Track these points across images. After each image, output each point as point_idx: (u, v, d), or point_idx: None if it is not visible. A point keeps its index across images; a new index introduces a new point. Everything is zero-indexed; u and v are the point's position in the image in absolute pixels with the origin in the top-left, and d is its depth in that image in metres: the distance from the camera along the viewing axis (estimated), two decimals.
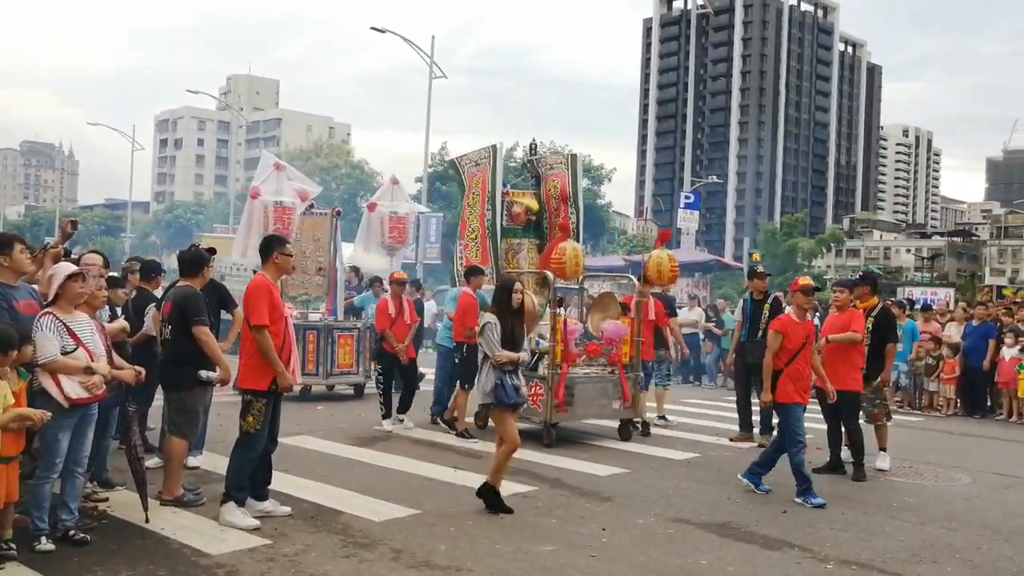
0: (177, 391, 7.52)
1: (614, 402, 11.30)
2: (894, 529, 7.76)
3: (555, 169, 12.11)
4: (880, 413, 10.43)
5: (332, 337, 14.56)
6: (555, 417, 10.80)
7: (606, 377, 11.37)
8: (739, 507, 8.26)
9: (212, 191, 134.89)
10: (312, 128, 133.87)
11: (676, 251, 48.48)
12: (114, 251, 66.47)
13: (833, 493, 9.04)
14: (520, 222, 12.33)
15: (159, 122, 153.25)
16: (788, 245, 78.40)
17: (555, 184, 11.94)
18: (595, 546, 6.83)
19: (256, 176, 14.80)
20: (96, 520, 6.81)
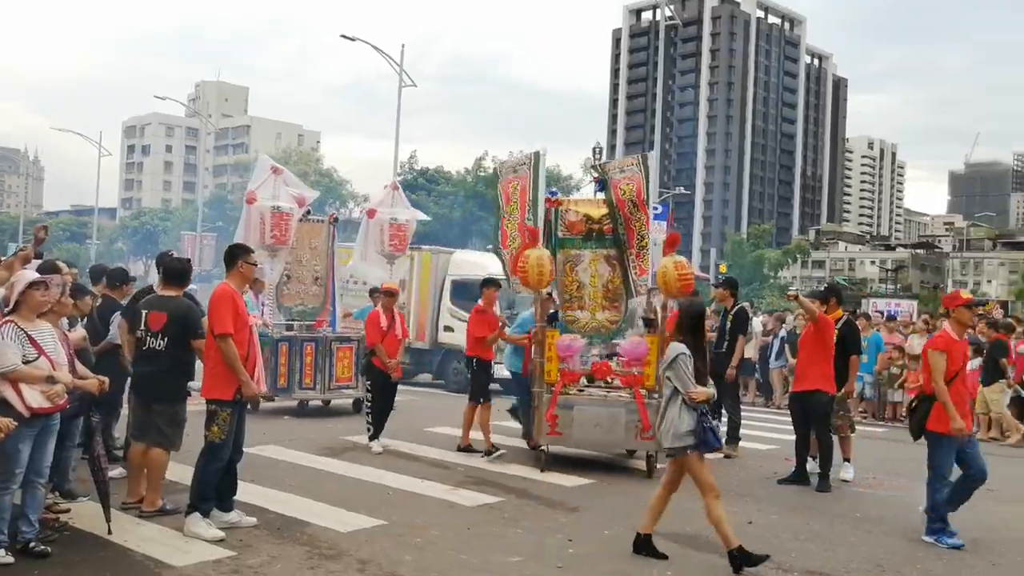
0: (172, 404, 7.46)
1: (629, 431, 9.94)
2: (857, 540, 7.83)
3: (627, 172, 10.95)
4: (844, 424, 10.53)
5: (330, 349, 14.08)
6: (546, 440, 10.11)
7: (618, 401, 10.09)
8: (701, 517, 8.26)
9: (180, 198, 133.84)
10: (281, 135, 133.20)
11: None
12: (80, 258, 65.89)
13: (797, 504, 9.12)
14: (578, 231, 11.14)
15: (127, 128, 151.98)
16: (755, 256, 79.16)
17: (629, 187, 10.68)
18: (561, 556, 6.83)
19: (252, 180, 14.30)
20: (57, 531, 6.72)
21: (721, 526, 6.69)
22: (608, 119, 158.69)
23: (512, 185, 11.26)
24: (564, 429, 9.95)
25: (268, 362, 13.32)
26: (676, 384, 6.72)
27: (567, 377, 10.16)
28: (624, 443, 10.27)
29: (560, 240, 11.13)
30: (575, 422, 9.95)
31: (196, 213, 76.04)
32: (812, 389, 9.89)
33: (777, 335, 18.76)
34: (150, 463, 7.44)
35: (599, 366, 10.44)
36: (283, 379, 13.61)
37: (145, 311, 7.50)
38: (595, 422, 9.96)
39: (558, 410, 9.96)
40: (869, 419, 16.90)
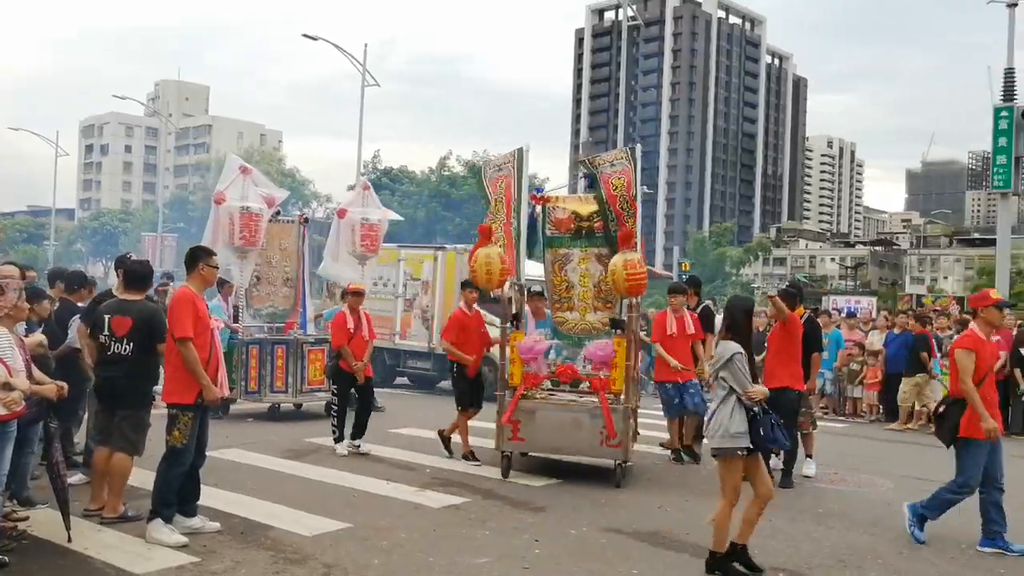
0: (137, 409, 7.38)
1: (593, 438, 9.45)
2: (820, 535, 7.89)
3: (617, 166, 10.43)
4: (806, 421, 10.61)
5: (302, 352, 13.83)
6: (506, 445, 9.75)
7: (582, 406, 9.68)
8: (670, 516, 8.33)
9: (140, 198, 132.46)
10: (243, 135, 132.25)
11: None
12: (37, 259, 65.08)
13: None
14: (566, 229, 10.74)
15: (84, 127, 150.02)
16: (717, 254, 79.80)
17: (621, 182, 10.19)
18: (528, 557, 6.83)
19: (220, 180, 13.94)
20: (16, 540, 6.61)
21: (721, 531, 6.62)
22: (572, 118, 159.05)
23: (498, 184, 10.87)
24: (526, 434, 9.62)
25: (238, 366, 13.22)
26: (732, 384, 6.51)
27: (530, 380, 9.75)
28: (588, 450, 9.67)
29: (548, 239, 10.87)
30: (537, 427, 9.59)
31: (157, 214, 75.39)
32: (781, 387, 9.90)
33: None
34: (113, 469, 7.35)
35: (563, 369, 9.98)
36: (253, 383, 13.45)
37: (107, 315, 7.39)
38: (558, 427, 9.56)
39: (520, 414, 9.62)
40: (830, 415, 17.04)
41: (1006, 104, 27.74)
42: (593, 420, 9.43)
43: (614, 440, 9.32)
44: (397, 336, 19.07)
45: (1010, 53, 27.49)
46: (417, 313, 18.92)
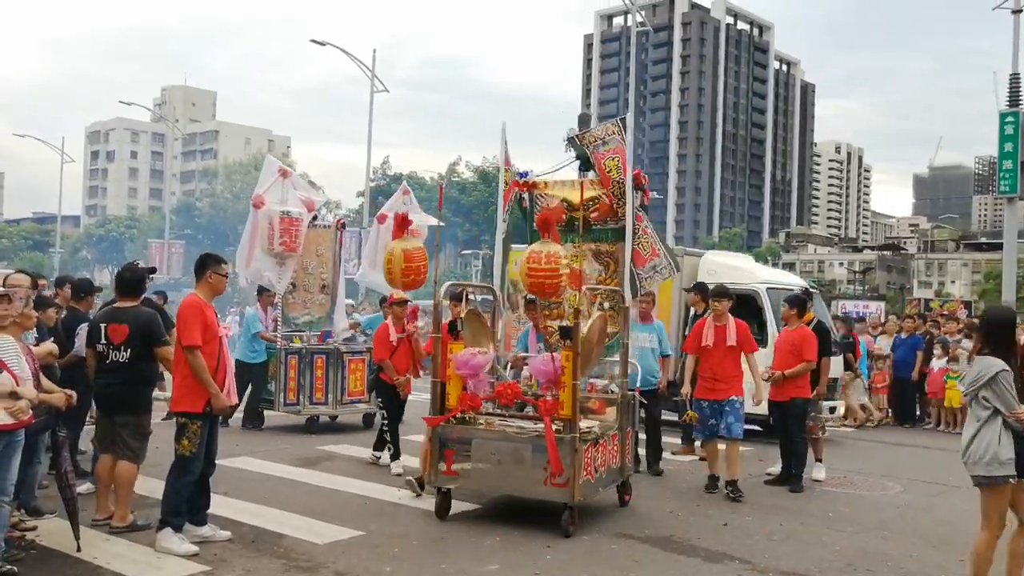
0: (136, 415, 7.37)
1: (533, 474, 7.64)
2: (830, 539, 7.87)
3: (610, 143, 9.05)
4: (816, 426, 10.57)
5: (342, 362, 13.30)
6: (440, 480, 8.06)
7: (523, 435, 7.78)
8: (681, 521, 8.29)
9: (147, 205, 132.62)
10: (251, 141, 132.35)
11: None
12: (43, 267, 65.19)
13: (771, 504, 9.16)
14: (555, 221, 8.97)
15: (90, 134, 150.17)
16: None
17: (615, 163, 8.92)
18: (539, 564, 6.80)
19: (259, 183, 13.44)
20: (24, 550, 6.60)
21: (983, 566, 5.98)
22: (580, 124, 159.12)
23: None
24: (459, 467, 7.95)
25: (276, 376, 13.02)
26: (997, 404, 5.76)
27: (467, 401, 8.06)
28: (530, 490, 7.83)
29: (535, 233, 8.95)
30: (474, 459, 7.93)
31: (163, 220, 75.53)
32: (790, 399, 10.02)
33: None
34: (118, 477, 7.33)
35: (503, 388, 8.14)
36: (292, 394, 13.05)
37: (103, 324, 7.40)
38: (497, 460, 7.84)
39: (455, 443, 8.00)
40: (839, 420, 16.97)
41: (1012, 110, 27.64)
42: (535, 453, 7.63)
43: (559, 478, 7.50)
44: None
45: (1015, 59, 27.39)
46: None
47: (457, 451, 7.98)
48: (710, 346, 9.57)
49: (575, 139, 9.95)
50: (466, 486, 8.26)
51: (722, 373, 9.51)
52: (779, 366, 10.12)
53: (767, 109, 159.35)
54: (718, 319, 9.67)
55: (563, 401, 7.59)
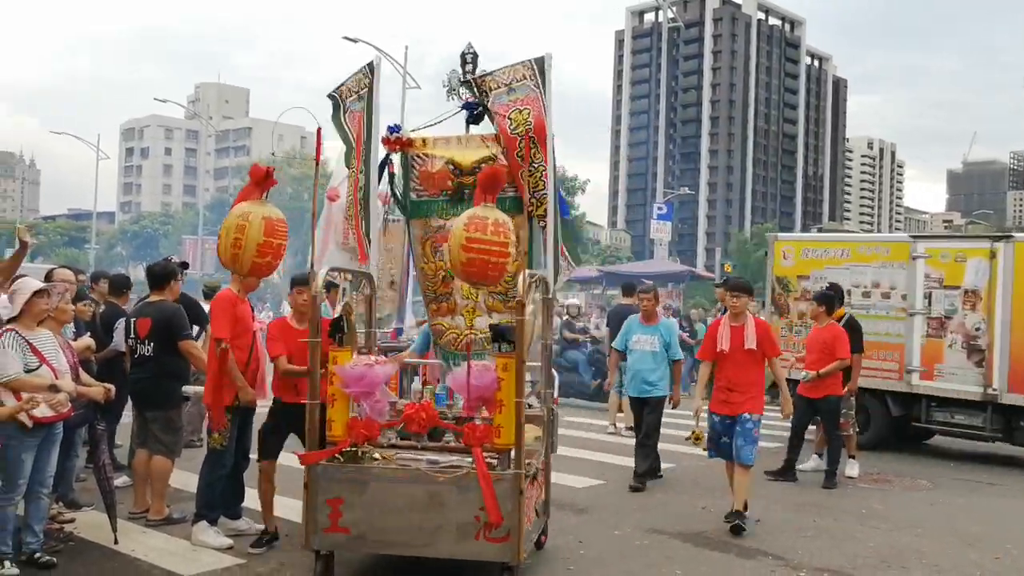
0: (164, 409, 7.44)
1: (462, 526, 5.66)
2: (864, 536, 7.84)
3: (519, 91, 6.87)
4: (847, 422, 10.51)
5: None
6: (321, 540, 5.84)
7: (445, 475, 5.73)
8: (714, 517, 8.26)
9: (180, 201, 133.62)
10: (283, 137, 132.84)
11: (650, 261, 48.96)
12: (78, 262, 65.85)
13: (804, 501, 9.13)
14: (440, 188, 7.19)
15: (125, 131, 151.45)
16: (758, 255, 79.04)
17: (523, 116, 6.80)
18: (572, 558, 6.82)
19: (334, 176, 13.01)
20: (62, 542, 6.69)
21: None
22: (612, 120, 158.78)
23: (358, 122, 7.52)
24: (354, 520, 5.77)
25: None
26: None
27: (359, 431, 5.83)
28: (456, 547, 5.75)
29: (414, 204, 7.28)
30: (372, 509, 5.77)
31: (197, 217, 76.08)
32: (823, 396, 10.00)
33: None
34: (153, 471, 7.42)
35: (414, 410, 5.95)
36: None
37: (133, 319, 7.53)
38: (406, 509, 5.72)
39: (343, 488, 5.78)
40: None
41: None
42: (462, 496, 5.64)
43: (498, 530, 5.57)
44: (915, 374, 12.24)
45: None
46: (957, 340, 12.03)
47: (347, 499, 5.75)
48: (725, 350, 8.12)
49: (472, 83, 7.36)
50: (360, 546, 6.01)
51: (737, 382, 8.06)
52: (811, 365, 10.09)
53: (799, 105, 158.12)
54: (735, 318, 8.25)
55: (500, 426, 5.62)
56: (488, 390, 5.72)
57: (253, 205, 6.02)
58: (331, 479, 5.82)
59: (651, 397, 9.79)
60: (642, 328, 9.96)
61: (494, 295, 7.02)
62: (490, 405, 5.77)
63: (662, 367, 9.80)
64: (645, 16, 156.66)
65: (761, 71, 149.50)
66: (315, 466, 5.85)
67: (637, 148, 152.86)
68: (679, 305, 27.19)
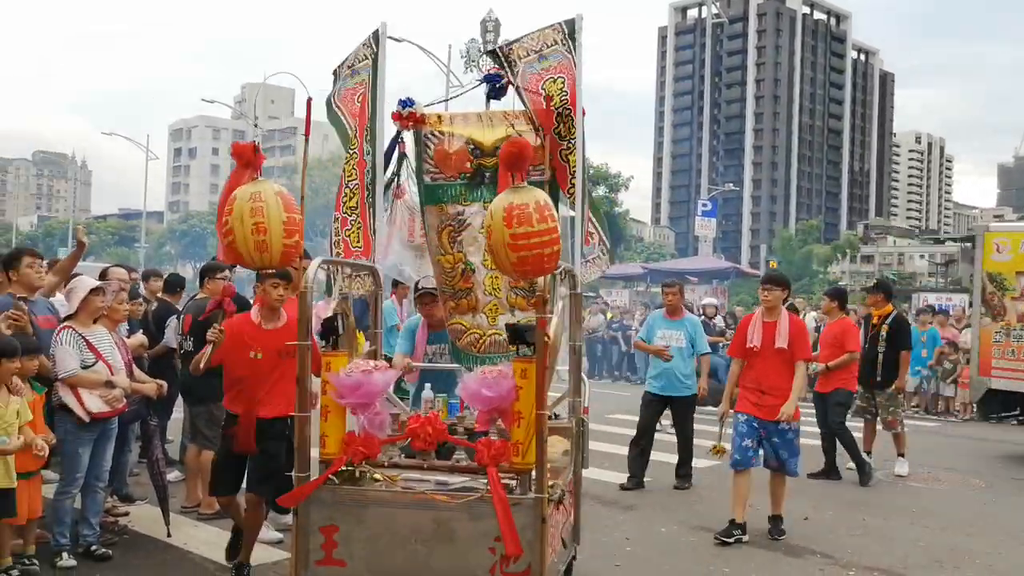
0: (205, 404, 7.54)
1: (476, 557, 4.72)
2: (915, 535, 7.76)
3: (551, 58, 6.07)
4: (895, 420, 10.42)
5: None
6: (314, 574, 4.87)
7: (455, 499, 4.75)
8: (761, 514, 8.18)
9: None
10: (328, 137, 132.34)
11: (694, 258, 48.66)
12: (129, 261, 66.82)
13: (853, 500, 9.05)
14: (458, 170, 6.21)
15: (173, 131, 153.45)
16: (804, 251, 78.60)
17: (559, 86, 5.94)
18: (619, 555, 6.83)
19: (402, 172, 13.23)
20: (117, 535, 6.83)
21: None
22: (655, 116, 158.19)
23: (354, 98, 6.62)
24: (350, 551, 4.85)
25: None
26: None
27: (356, 449, 4.85)
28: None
29: (428, 188, 6.32)
30: (370, 538, 4.85)
31: None
32: (832, 389, 10.05)
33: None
34: (203, 466, 7.51)
35: (420, 423, 4.97)
36: None
37: (180, 316, 7.69)
38: (409, 538, 4.81)
39: (337, 513, 4.84)
40: (920, 414, 16.74)
41: None
42: (475, 524, 4.72)
43: (517, 563, 4.65)
44: None
45: None
46: None
47: (342, 527, 4.87)
48: (756, 348, 7.52)
49: (498, 52, 6.24)
50: None
51: (769, 384, 7.42)
52: (824, 359, 10.08)
53: (844, 100, 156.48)
54: (768, 313, 7.62)
55: (519, 442, 4.68)
56: (504, 400, 4.75)
57: (255, 185, 5.01)
58: (325, 503, 4.88)
59: (681, 396, 9.54)
60: (667, 323, 9.69)
61: (516, 290, 6.07)
62: (506, 417, 4.82)
63: (690, 363, 9.58)
64: (688, 12, 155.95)
65: (806, 66, 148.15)
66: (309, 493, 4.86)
67: (680, 145, 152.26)
68: (724, 302, 27.02)
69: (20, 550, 5.92)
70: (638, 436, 9.62)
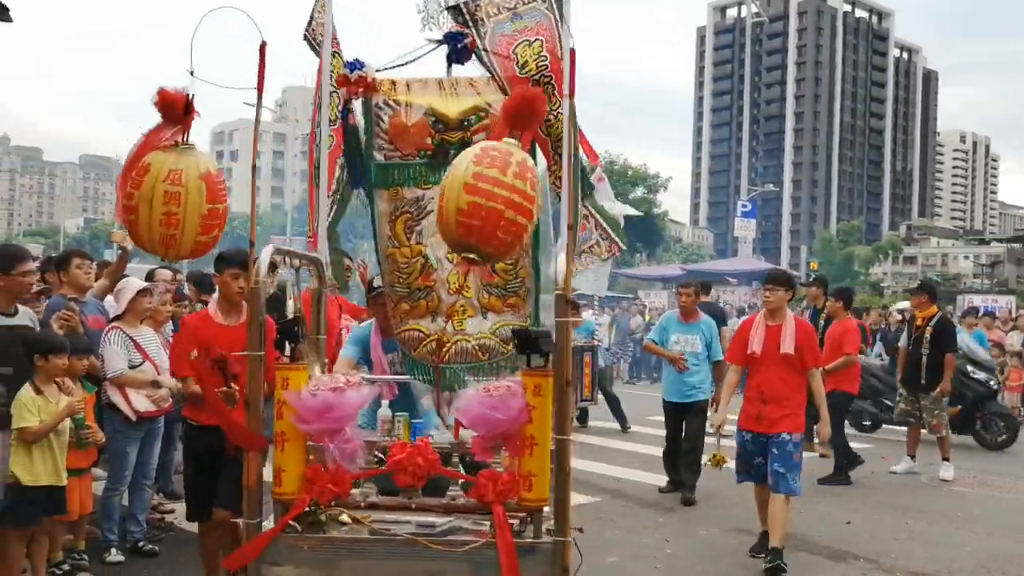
0: None
1: None
2: (960, 540, 7.67)
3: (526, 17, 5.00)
4: (940, 423, 10.30)
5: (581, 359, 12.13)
6: None
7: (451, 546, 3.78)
8: (801, 518, 8.16)
9: (269, 202, 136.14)
10: None
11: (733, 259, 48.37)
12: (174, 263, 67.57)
13: (895, 503, 8.98)
14: (416, 147, 5.02)
15: (215, 134, 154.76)
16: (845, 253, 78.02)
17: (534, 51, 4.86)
18: (659, 557, 6.83)
19: None
20: (163, 531, 6.95)
21: None
22: (694, 117, 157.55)
23: None
24: None
25: None
26: None
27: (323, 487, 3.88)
28: None
29: (381, 167, 5.05)
30: None
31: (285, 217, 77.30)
32: (830, 391, 9.45)
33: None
34: None
35: (407, 454, 3.94)
36: None
37: None
38: None
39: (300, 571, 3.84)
40: None
41: None
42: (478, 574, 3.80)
43: None
44: None
45: None
46: None
47: None
48: (757, 354, 6.82)
49: (461, 8, 5.05)
50: None
51: (771, 393, 6.73)
52: (825, 361, 9.72)
53: (887, 98, 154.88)
54: (771, 316, 6.92)
55: (530, 472, 3.77)
56: (515, 423, 3.75)
57: (178, 157, 4.07)
58: (284, 556, 3.81)
59: (694, 402, 8.93)
60: (681, 326, 9.12)
61: (489, 288, 4.86)
62: (512, 443, 3.82)
63: (704, 369, 9.01)
64: (727, 12, 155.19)
65: (847, 65, 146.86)
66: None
67: (719, 145, 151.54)
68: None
69: (71, 545, 6.04)
70: (667, 446, 9.28)
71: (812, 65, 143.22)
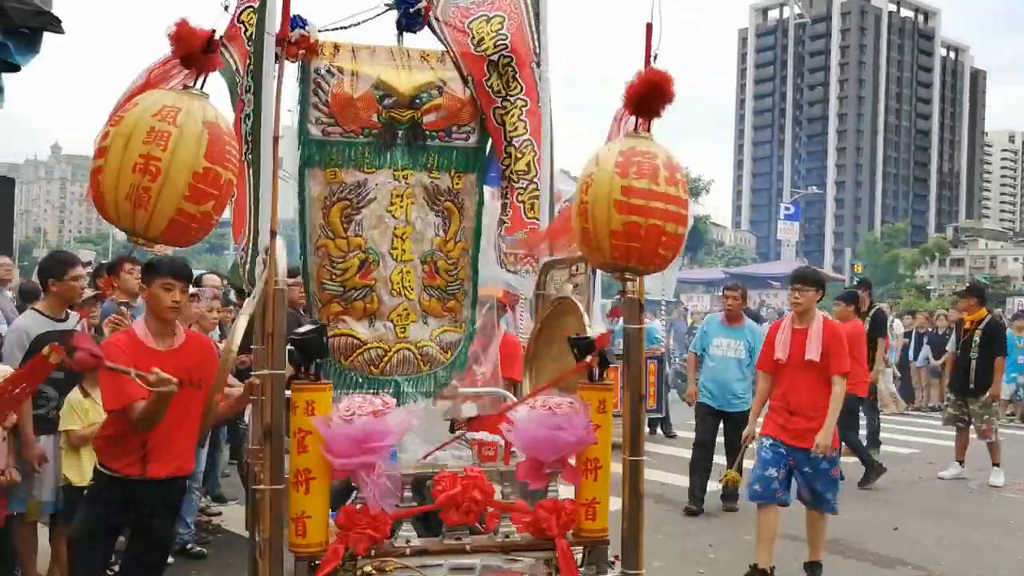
0: None
1: None
2: (1009, 547, 7.58)
3: None
4: (989, 428, 10.18)
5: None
6: None
7: None
8: (848, 523, 8.10)
9: None
10: None
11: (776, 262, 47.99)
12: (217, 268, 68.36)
13: (942, 509, 8.89)
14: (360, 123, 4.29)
15: None
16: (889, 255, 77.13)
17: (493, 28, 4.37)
18: (703, 562, 6.82)
19: None
20: (211, 534, 7.04)
21: None
22: (735, 119, 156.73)
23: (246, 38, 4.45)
24: None
25: None
26: None
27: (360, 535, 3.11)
28: None
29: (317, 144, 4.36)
30: None
31: None
32: None
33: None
34: None
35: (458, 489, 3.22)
36: None
37: None
38: None
39: None
40: (1016, 422, 16.27)
41: None
42: None
43: None
44: None
45: None
46: None
47: None
48: (782, 360, 6.38)
49: None
50: None
51: (798, 402, 6.26)
52: None
53: (932, 99, 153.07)
54: (799, 319, 6.42)
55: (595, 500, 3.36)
56: (582, 444, 3.27)
57: (181, 96, 2.99)
58: None
59: (736, 412, 8.42)
60: (725, 331, 8.71)
61: (430, 290, 4.30)
62: (567, 467, 3.32)
63: (749, 377, 8.47)
64: (769, 14, 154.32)
65: (892, 65, 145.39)
66: None
67: (761, 147, 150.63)
68: None
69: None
70: (694, 455, 8.76)
71: (855, 65, 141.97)
